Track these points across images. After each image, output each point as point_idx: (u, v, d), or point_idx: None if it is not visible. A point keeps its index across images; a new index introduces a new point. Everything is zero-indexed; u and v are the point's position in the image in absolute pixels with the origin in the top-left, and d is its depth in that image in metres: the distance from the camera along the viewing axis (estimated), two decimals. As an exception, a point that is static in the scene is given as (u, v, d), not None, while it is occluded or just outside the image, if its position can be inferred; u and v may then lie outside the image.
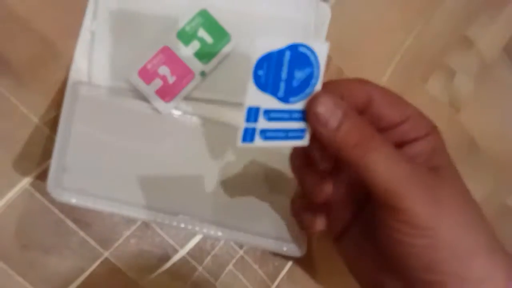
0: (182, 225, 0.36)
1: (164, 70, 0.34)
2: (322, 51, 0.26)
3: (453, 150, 0.30)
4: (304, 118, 0.27)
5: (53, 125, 0.34)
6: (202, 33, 0.35)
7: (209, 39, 0.35)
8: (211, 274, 0.39)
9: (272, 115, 0.26)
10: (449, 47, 0.49)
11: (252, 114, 0.25)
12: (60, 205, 0.34)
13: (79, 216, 0.35)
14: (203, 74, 0.35)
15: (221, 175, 0.37)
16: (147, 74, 0.34)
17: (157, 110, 0.35)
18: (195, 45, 0.35)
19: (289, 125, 0.27)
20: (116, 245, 0.36)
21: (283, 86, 0.25)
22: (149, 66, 0.34)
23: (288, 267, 0.42)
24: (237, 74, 0.36)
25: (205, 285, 0.39)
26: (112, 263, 0.36)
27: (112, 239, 0.36)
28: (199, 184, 0.36)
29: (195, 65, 0.35)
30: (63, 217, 0.35)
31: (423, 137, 0.30)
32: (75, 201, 0.33)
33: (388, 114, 0.29)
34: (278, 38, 0.24)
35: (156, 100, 0.34)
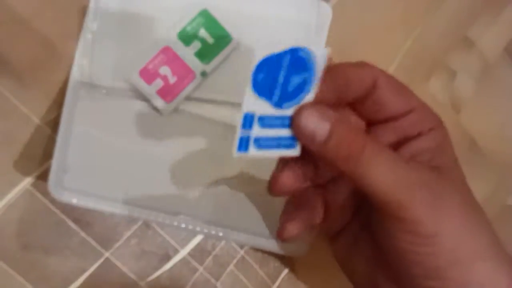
0: (183, 225, 0.36)
1: (165, 70, 0.34)
2: (322, 56, 0.25)
3: (454, 150, 0.30)
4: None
5: (54, 125, 0.34)
6: (203, 33, 0.35)
7: (210, 39, 0.35)
8: (212, 274, 0.39)
9: (265, 121, 0.25)
10: (450, 47, 0.49)
11: (248, 121, 0.24)
12: (61, 205, 0.34)
13: (79, 216, 0.35)
14: (204, 74, 0.35)
15: (222, 175, 0.37)
16: (148, 74, 0.34)
17: (158, 110, 0.35)
18: (196, 45, 0.35)
19: (282, 132, 0.26)
20: (117, 245, 0.36)
21: (278, 90, 0.24)
22: (150, 66, 0.34)
23: (289, 267, 0.42)
24: (238, 74, 0.36)
25: (206, 285, 0.39)
26: (113, 264, 0.36)
27: (113, 239, 0.36)
28: (200, 184, 0.36)
29: (196, 65, 0.35)
30: (64, 217, 0.35)
31: (427, 132, 0.28)
32: (76, 201, 0.33)
33: (392, 102, 0.28)
34: (279, 42, 0.24)
35: (157, 100, 0.34)
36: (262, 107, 0.24)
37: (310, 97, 0.26)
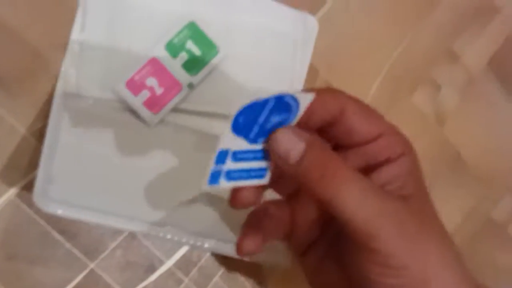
0: (168, 236, 0.36)
1: (151, 82, 0.35)
2: (306, 101, 0.25)
3: (438, 163, 0.30)
4: (265, 157, 0.26)
5: (40, 135, 0.34)
6: (190, 45, 0.35)
7: (197, 51, 0.35)
8: (197, 285, 0.39)
9: (238, 155, 0.25)
10: (435, 61, 0.50)
11: (222, 157, 0.25)
12: (46, 216, 0.34)
13: (65, 227, 0.35)
14: (190, 86, 0.35)
15: (208, 187, 0.37)
16: (134, 86, 0.34)
17: (144, 121, 0.35)
18: (183, 57, 0.35)
19: (253, 164, 0.26)
20: (102, 256, 0.36)
21: (256, 128, 0.25)
22: (136, 78, 0.34)
23: (275, 278, 0.42)
24: (224, 86, 0.36)
25: (191, 296, 0.39)
26: (98, 275, 0.36)
27: (98, 250, 0.36)
28: (186, 195, 0.36)
29: (183, 76, 0.35)
30: (49, 228, 0.35)
31: (397, 158, 0.28)
32: (61, 212, 0.33)
33: (360, 128, 0.28)
34: (267, 94, 0.23)
35: (144, 112, 0.34)
36: (238, 143, 0.25)
37: None
